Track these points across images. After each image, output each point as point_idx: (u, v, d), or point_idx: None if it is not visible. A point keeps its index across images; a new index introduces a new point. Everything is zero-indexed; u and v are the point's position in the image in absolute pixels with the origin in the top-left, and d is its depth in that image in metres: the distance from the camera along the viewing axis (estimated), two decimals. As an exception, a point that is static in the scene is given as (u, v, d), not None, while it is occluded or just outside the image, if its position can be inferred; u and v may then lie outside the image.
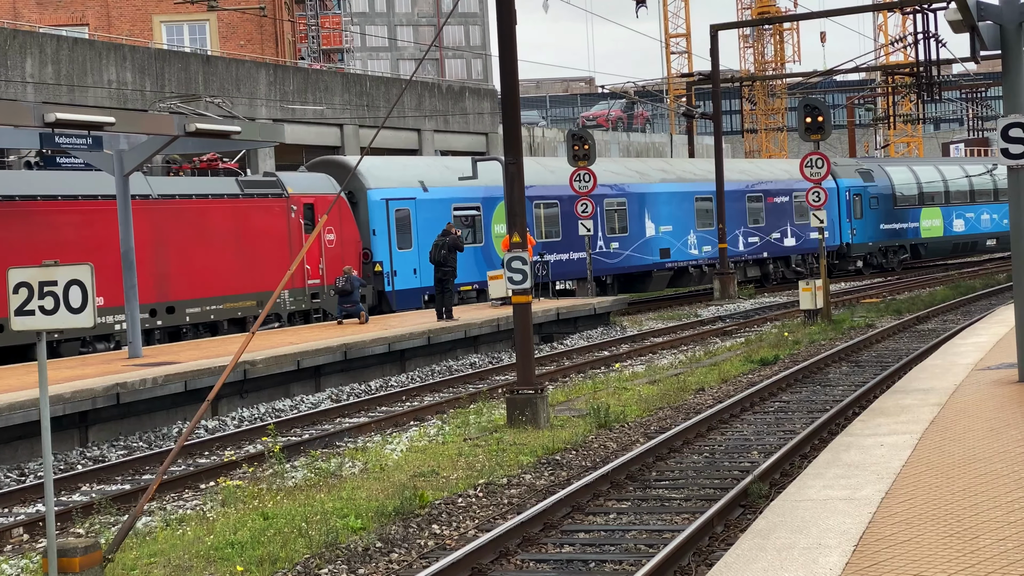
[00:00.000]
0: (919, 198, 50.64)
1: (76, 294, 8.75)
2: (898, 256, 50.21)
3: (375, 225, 30.46)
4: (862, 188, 48.36)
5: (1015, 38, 13.61)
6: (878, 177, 49.65)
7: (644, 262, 38.98)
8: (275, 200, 27.28)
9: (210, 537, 10.78)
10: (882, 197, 49.37)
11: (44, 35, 34.82)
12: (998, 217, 53.25)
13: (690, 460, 14.15)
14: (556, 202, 35.80)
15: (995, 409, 12.25)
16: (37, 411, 14.35)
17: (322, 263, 28.18)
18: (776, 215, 44.67)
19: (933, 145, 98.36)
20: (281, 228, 27.28)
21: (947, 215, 51.74)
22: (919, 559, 7.12)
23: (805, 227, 45.56)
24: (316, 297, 28.13)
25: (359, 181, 30.49)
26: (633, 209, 38.63)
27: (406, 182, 31.47)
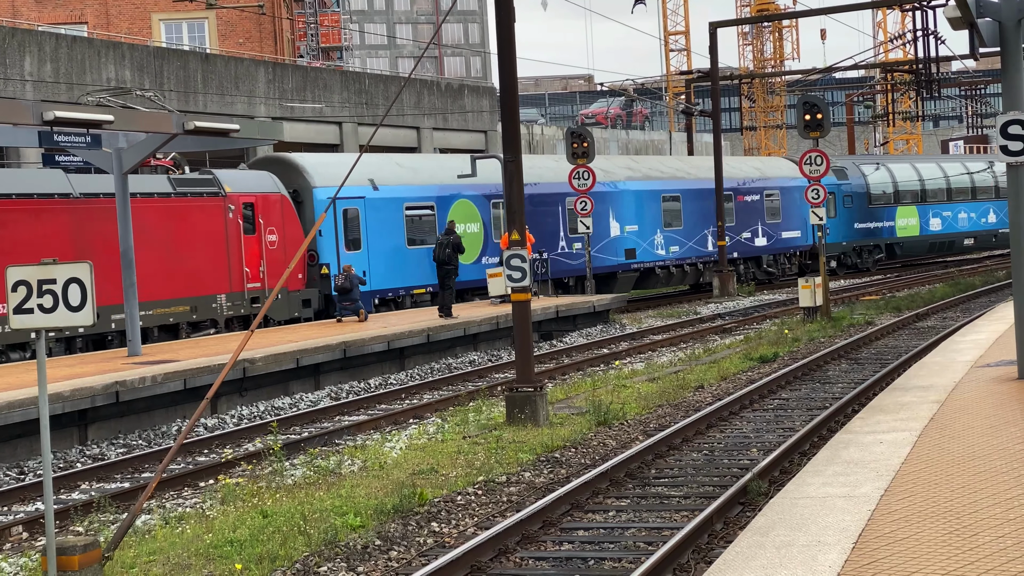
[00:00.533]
0: (894, 196, 49.68)
1: (75, 292, 8.75)
2: (873, 256, 49.27)
3: (321, 225, 27.58)
4: (835, 186, 47.17)
5: (1014, 35, 13.60)
6: (852, 175, 48.63)
7: (608, 263, 37.50)
8: (211, 199, 25.71)
9: (209, 535, 10.78)
10: (856, 196, 48.37)
11: (43, 33, 34.80)
12: (976, 216, 52.57)
13: (689, 458, 14.15)
14: None
15: (994, 406, 12.25)
16: (36, 409, 14.36)
17: (263, 265, 26.73)
18: (746, 214, 43.48)
19: (932, 142, 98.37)
20: (218, 229, 25.71)
21: (923, 214, 50.71)
22: (918, 556, 7.12)
23: (776, 226, 44.68)
24: (256, 301, 26.50)
25: (304, 179, 29.26)
26: (597, 208, 36.60)
27: (355, 180, 29.60)
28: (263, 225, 26.88)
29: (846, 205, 47.81)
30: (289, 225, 27.73)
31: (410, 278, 30.76)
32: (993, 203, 53.21)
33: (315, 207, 28.92)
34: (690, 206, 40.94)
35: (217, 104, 37.85)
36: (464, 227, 32.08)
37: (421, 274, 30.84)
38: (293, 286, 27.73)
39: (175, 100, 36.57)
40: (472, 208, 32.86)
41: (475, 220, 32.91)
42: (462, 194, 32.57)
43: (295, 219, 27.93)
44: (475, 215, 32.94)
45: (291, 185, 28.69)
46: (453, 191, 32.12)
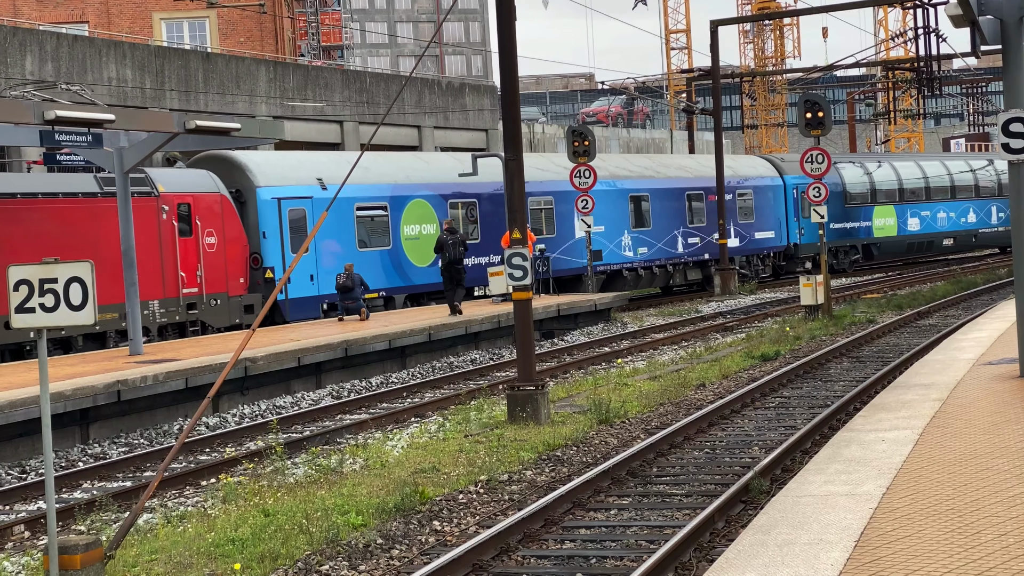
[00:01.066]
0: (871, 196, 48.50)
1: (76, 291, 8.75)
2: (849, 256, 48.09)
3: (265, 227, 27.36)
4: None
5: (1015, 32, 13.59)
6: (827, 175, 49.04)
7: (573, 265, 35.88)
8: (142, 200, 24.02)
9: (211, 534, 10.78)
10: (832, 195, 46.18)
11: (44, 32, 34.81)
12: (955, 215, 51.71)
13: (691, 456, 14.15)
14: (475, 201, 33.04)
15: (996, 404, 12.24)
16: (38, 408, 14.37)
17: (200, 270, 25.28)
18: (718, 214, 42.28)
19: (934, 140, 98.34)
20: (150, 231, 24.08)
21: (901, 213, 49.55)
22: (920, 554, 7.11)
23: (749, 227, 43.54)
24: (193, 308, 25.05)
25: (247, 178, 27.55)
26: (561, 208, 35.74)
27: (302, 179, 28.57)
28: (200, 227, 25.35)
29: None
30: (230, 227, 26.10)
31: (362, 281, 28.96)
32: (973, 203, 52.42)
33: (259, 208, 27.41)
34: (659, 206, 39.61)
35: (218, 103, 37.86)
36: (419, 228, 31.05)
37: (374, 277, 29.47)
38: (234, 291, 26.19)
39: (176, 99, 36.59)
40: (428, 209, 31.54)
41: (431, 221, 31.48)
42: (417, 194, 31.32)
43: (236, 220, 26.37)
44: (430, 216, 31.54)
45: (233, 185, 27.24)
46: (408, 191, 30.83)
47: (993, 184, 53.58)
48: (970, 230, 52.37)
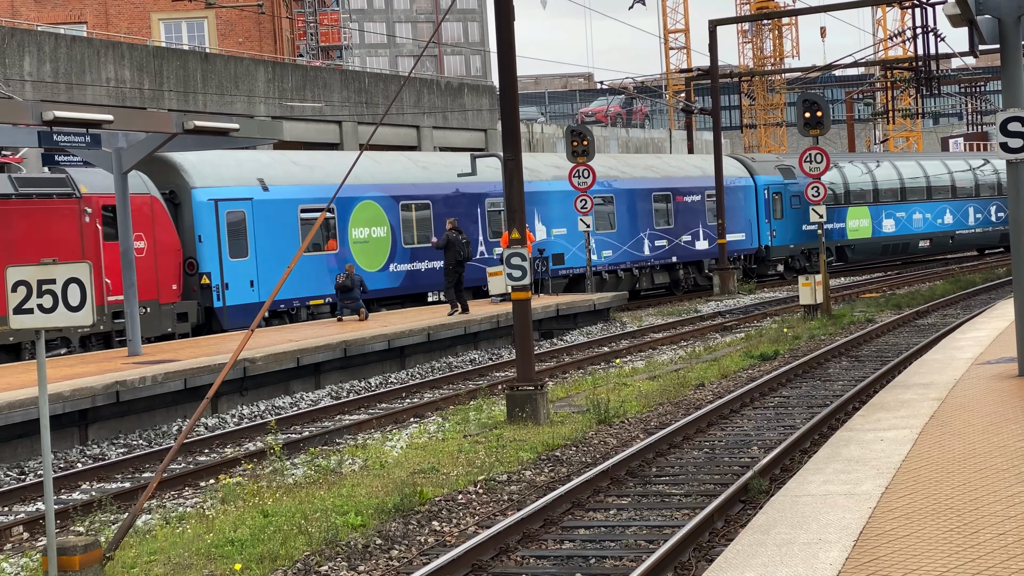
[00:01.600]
0: (845, 196, 47.14)
1: (75, 292, 8.75)
2: None
3: (201, 230, 25.73)
4: (782, 186, 44.70)
5: (1014, 32, 13.59)
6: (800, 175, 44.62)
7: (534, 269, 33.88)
8: (63, 201, 22.66)
9: (210, 535, 10.78)
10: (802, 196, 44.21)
11: (42, 33, 34.81)
12: (931, 217, 50.68)
13: (690, 456, 14.15)
14: (428, 203, 31.42)
15: (995, 403, 12.24)
16: (37, 409, 14.36)
17: None
18: (687, 216, 40.66)
19: (932, 139, 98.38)
20: (71, 234, 22.65)
21: (876, 215, 48.18)
22: (919, 554, 7.11)
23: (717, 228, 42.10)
24: (120, 316, 22.98)
25: (182, 179, 25.90)
26: None
27: (241, 180, 27.01)
28: None
29: (794, 206, 45.16)
30: (161, 230, 24.35)
31: (306, 288, 27.60)
32: (950, 203, 51.47)
33: (194, 210, 25.78)
34: (625, 208, 38.01)
35: (217, 103, 37.86)
36: (369, 231, 29.57)
37: (319, 283, 27.91)
38: (166, 298, 24.57)
39: (175, 100, 36.59)
40: (377, 210, 29.95)
41: (381, 224, 29.95)
42: (367, 195, 29.68)
43: (168, 223, 24.64)
44: (381, 218, 29.98)
45: (166, 185, 25.67)
46: (356, 192, 29.11)
47: (970, 185, 52.82)
48: (946, 232, 51.40)
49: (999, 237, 53.43)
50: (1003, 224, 53.05)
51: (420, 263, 30.80)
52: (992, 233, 53.49)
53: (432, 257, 30.89)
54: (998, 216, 53.25)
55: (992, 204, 53.23)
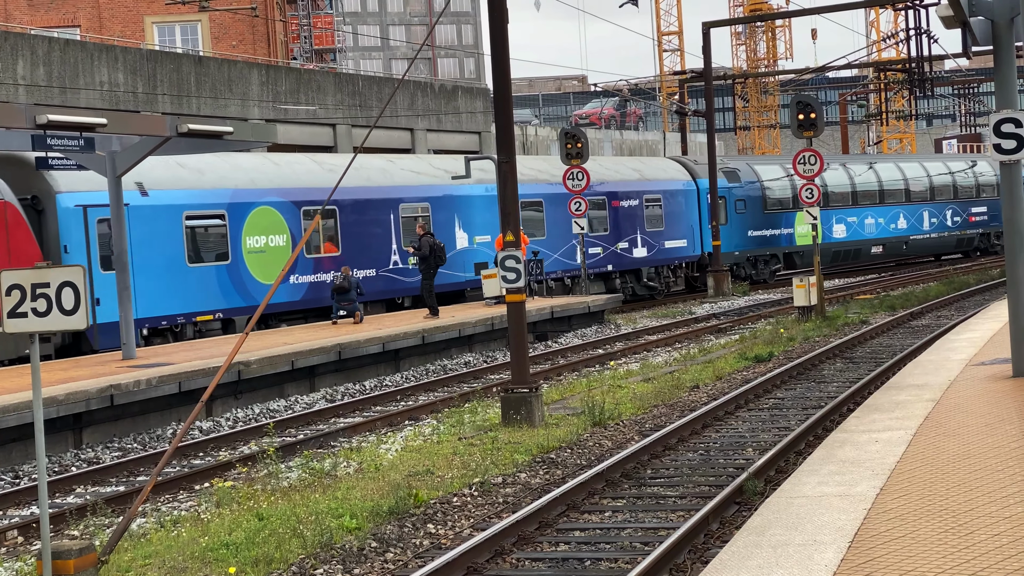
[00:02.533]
0: (793, 200, 43.83)
1: (69, 296, 8.74)
2: (770, 266, 44.59)
3: (68, 240, 23.07)
4: (727, 190, 42.40)
5: (1006, 33, 13.62)
6: (746, 177, 43.72)
7: (454, 279, 31.42)
8: None
9: (205, 538, 10.77)
10: (750, 199, 43.54)
11: (35, 37, 34.78)
12: (884, 222, 48.85)
13: (685, 457, 14.16)
14: (334, 209, 28.72)
15: (989, 404, 12.26)
16: (31, 413, 14.33)
17: None
18: (623, 222, 38.09)
19: (926, 141, 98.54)
20: None
21: (826, 219, 45.75)
22: (914, 555, 7.12)
23: (658, 235, 39.66)
24: None
25: (46, 183, 23.09)
26: (439, 216, 31.37)
27: None
28: None
29: (739, 211, 43.04)
30: (17, 238, 21.68)
31: (192, 302, 25.05)
32: (903, 208, 49.80)
33: (60, 217, 23.07)
34: (555, 213, 35.13)
35: (210, 107, 37.85)
36: (266, 240, 26.71)
37: (207, 297, 25.39)
38: None
39: (168, 103, 36.57)
40: (276, 217, 27.05)
41: (280, 231, 27.07)
42: (264, 200, 26.84)
43: (27, 231, 21.82)
44: (280, 225, 27.11)
45: (27, 190, 22.98)
46: (252, 197, 26.48)
47: (925, 188, 51.27)
48: (900, 237, 49.60)
49: (955, 242, 52.77)
50: (959, 229, 52.32)
51: (326, 274, 27.99)
52: (948, 238, 52.32)
53: (362, 265, 28.89)
54: (954, 221, 52.21)
55: (948, 208, 52.05)
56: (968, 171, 53.90)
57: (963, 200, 52.85)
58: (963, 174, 53.42)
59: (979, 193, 53.79)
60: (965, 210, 52.79)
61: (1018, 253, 13.70)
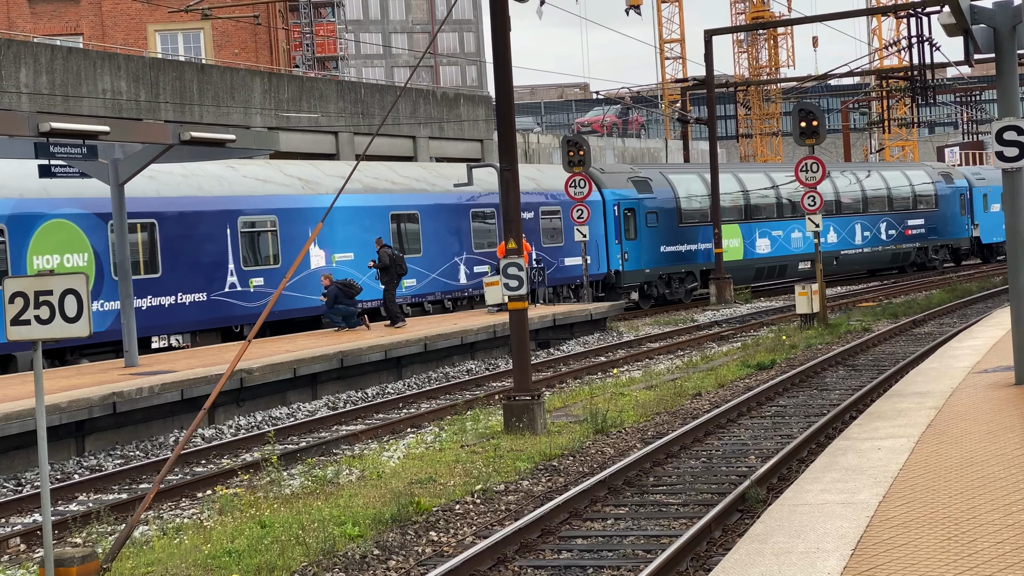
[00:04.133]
0: (712, 212, 41.12)
1: (72, 303, 8.75)
2: (685, 284, 40.62)
3: None
4: (636, 201, 38.61)
5: (1009, 41, 13.64)
6: (658, 187, 39.99)
7: (305, 304, 27.45)
8: None
9: (207, 546, 10.76)
10: (663, 212, 39.66)
11: (38, 45, 34.83)
12: None
13: (687, 465, 14.15)
14: (153, 222, 24.79)
15: (992, 412, 12.25)
16: (34, 421, 14.34)
17: None
18: None
19: (928, 149, 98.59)
20: None
21: (748, 233, 42.76)
22: (917, 563, 7.12)
23: (556, 251, 35.76)
24: None
25: None
26: (288, 231, 27.32)
27: None
28: None
29: (650, 224, 39.20)
30: None
31: None
32: (833, 220, 46.24)
33: None
34: (433, 227, 31.46)
35: (213, 114, 37.91)
36: (60, 259, 22.74)
37: None
38: None
39: (171, 111, 36.63)
40: (75, 232, 23.09)
41: (79, 249, 23.13)
42: (59, 212, 22.82)
43: None
44: (79, 242, 23.14)
45: None
46: (42, 207, 22.51)
47: (858, 200, 48.18)
48: (830, 252, 45.61)
49: (890, 257, 50.07)
50: (894, 243, 49.50)
51: (140, 299, 23.73)
52: (882, 253, 49.37)
53: (159, 291, 24.64)
54: (888, 234, 49.31)
55: (882, 221, 49.04)
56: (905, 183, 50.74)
57: (898, 212, 49.93)
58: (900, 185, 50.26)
59: (916, 205, 51.08)
60: (901, 223, 49.97)
61: (1021, 261, 13.70)
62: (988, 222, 54.80)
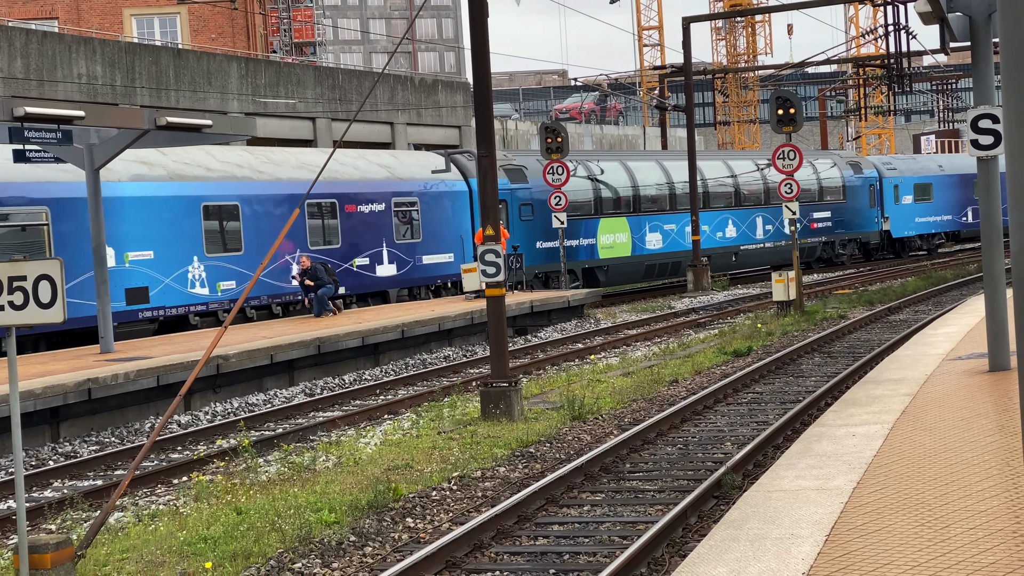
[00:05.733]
0: (596, 204, 37.33)
1: (45, 289, 8.70)
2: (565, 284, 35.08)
3: None
4: (508, 192, 34.20)
5: (984, 29, 13.69)
6: (535, 176, 35.09)
7: (86, 313, 22.44)
8: None
9: (183, 532, 10.74)
10: (539, 204, 35.00)
11: (13, 29, 34.57)
12: (709, 229, 41.74)
13: (664, 452, 14.19)
14: None
15: (965, 399, 12.33)
16: (7, 407, 14.26)
17: None
18: (362, 232, 29.97)
19: (904, 137, 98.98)
20: None
21: (637, 227, 38.92)
22: (890, 548, 7.16)
23: (412, 248, 31.42)
24: None
25: None
26: (64, 226, 22.96)
27: None
28: None
29: (524, 217, 35.05)
30: None
31: None
32: (732, 213, 43.10)
33: None
34: (259, 221, 27.35)
35: (189, 100, 37.72)
36: None
37: None
38: None
39: (147, 96, 36.42)
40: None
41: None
42: None
43: None
44: None
45: None
46: None
47: (759, 190, 44.42)
48: (729, 247, 42.88)
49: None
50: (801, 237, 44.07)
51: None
52: (786, 248, 43.93)
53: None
54: None
55: None
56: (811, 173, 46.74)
57: (803, 204, 44.27)
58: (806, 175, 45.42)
59: (822, 196, 47.55)
60: (806, 216, 45.57)
61: (995, 249, 13.78)
62: (899, 215, 51.61)
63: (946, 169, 54.33)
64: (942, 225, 53.93)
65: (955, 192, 53.87)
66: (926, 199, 52.73)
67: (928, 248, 53.95)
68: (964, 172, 53.94)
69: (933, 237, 54.29)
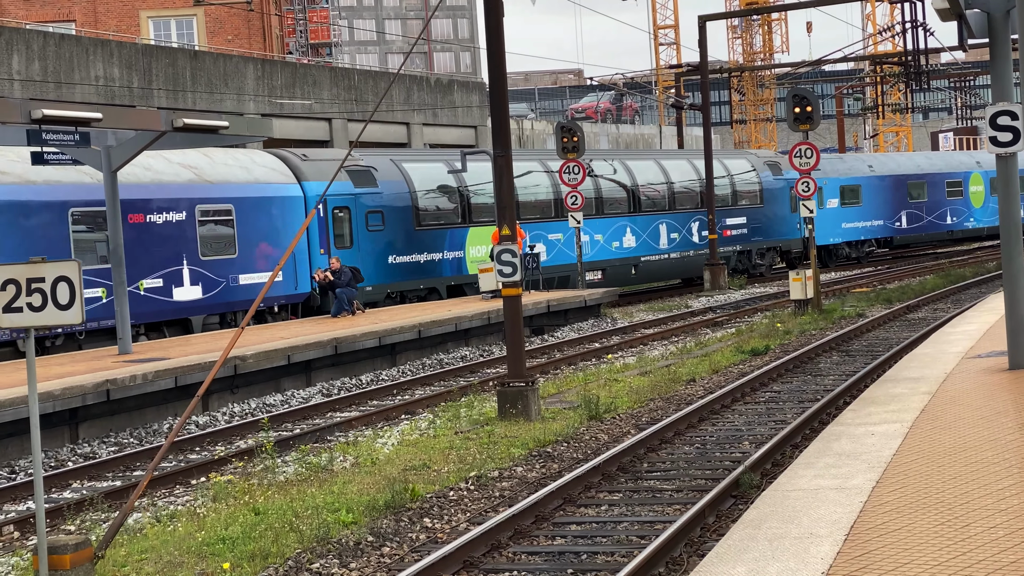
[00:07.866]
0: (464, 211, 32.26)
1: (64, 290, 8.72)
2: None
3: None
4: (351, 198, 28.96)
5: (1002, 25, 13.62)
6: (386, 179, 30.22)
7: None
8: None
9: (201, 533, 10.76)
10: (392, 211, 30.07)
11: (31, 31, 34.71)
12: (603, 239, 36.55)
13: (681, 451, 14.16)
14: None
15: (985, 397, 12.27)
16: (27, 408, 14.32)
17: None
18: (155, 247, 24.38)
19: (922, 134, 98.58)
20: None
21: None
22: (910, 548, 7.12)
23: (226, 265, 25.68)
24: None
25: None
26: None
27: None
28: None
29: (374, 228, 29.64)
30: None
31: None
32: (630, 220, 37.87)
33: None
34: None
35: (206, 101, 37.81)
36: None
37: None
38: None
39: (164, 98, 36.52)
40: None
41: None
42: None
43: None
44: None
45: None
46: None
47: (662, 196, 39.45)
48: (627, 259, 37.64)
49: (704, 263, 39.83)
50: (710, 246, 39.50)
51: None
52: (694, 258, 40.12)
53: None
54: (702, 236, 40.19)
55: (694, 220, 40.25)
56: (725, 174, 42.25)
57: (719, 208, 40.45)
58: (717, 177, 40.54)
59: (736, 200, 42.58)
60: (718, 222, 40.02)
61: (1014, 247, 13.71)
62: (824, 220, 45.19)
63: (876, 170, 49.42)
64: (872, 231, 48.95)
65: (887, 195, 49.23)
66: (854, 203, 48.03)
67: (858, 256, 49.19)
68: (897, 173, 49.74)
69: (863, 244, 49.52)
